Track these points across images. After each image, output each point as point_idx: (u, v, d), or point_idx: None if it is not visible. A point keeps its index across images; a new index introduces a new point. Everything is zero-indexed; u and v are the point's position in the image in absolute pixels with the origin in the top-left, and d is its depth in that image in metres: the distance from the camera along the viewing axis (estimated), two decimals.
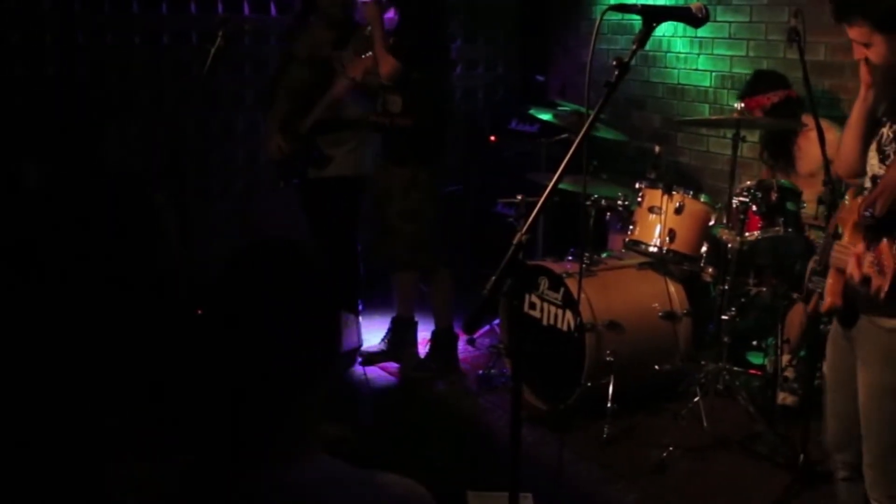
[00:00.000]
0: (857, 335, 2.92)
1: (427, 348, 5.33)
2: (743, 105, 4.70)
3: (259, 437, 1.48)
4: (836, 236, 2.95)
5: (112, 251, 5.46)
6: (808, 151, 4.91)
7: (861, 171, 3.04)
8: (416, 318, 5.44)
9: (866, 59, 2.89)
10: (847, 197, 3.07)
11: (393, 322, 5.41)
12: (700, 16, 2.44)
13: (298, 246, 1.56)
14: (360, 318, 5.57)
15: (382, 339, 5.41)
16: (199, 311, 1.54)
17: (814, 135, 4.82)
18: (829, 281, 2.91)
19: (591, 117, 2.33)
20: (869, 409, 2.90)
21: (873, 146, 2.92)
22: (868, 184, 2.92)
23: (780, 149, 5.06)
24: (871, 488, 2.94)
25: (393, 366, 5.31)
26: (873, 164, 2.90)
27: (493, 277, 2.17)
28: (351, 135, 5.22)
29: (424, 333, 5.45)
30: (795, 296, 4.51)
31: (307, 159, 5.22)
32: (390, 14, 5.10)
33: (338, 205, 5.28)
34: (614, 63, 2.33)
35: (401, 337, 5.38)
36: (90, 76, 5.89)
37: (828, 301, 2.90)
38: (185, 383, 3.94)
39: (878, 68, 2.87)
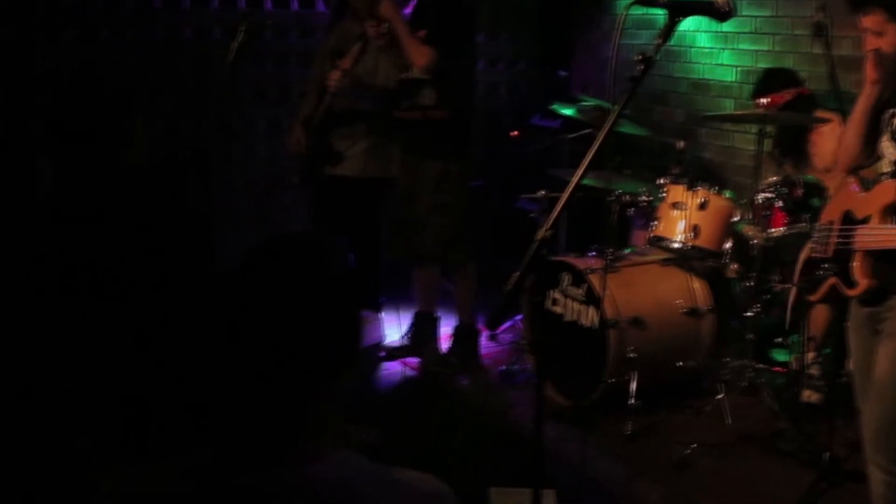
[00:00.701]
0: (886, 312, 2.99)
1: (449, 343, 5.33)
2: (765, 102, 4.66)
3: (280, 434, 1.47)
4: (851, 221, 3.03)
5: (131, 249, 5.45)
6: (822, 147, 4.90)
7: (862, 164, 3.15)
8: (438, 314, 5.44)
9: (875, 52, 2.96)
10: (851, 181, 3.14)
11: (415, 317, 5.40)
12: (725, 10, 2.41)
13: (319, 240, 1.54)
14: (382, 314, 5.57)
15: (404, 334, 5.41)
16: (213, 309, 1.52)
17: (826, 129, 4.81)
18: (856, 265, 2.97)
19: (616, 112, 2.31)
20: (889, 377, 2.94)
21: (886, 135, 3.00)
22: (887, 168, 3.00)
23: (793, 145, 5.04)
24: (875, 452, 3.01)
25: (414, 361, 5.31)
26: (891, 150, 2.99)
27: (516, 274, 2.17)
28: (363, 132, 5.16)
29: (446, 328, 5.45)
30: (782, 285, 4.50)
31: (319, 155, 5.18)
32: (408, 10, 5.09)
33: (360, 205, 5.24)
34: (638, 58, 2.32)
35: (422, 332, 5.37)
36: (112, 72, 5.90)
37: (863, 284, 2.96)
38: (201, 378, 3.93)
39: (889, 58, 2.93)
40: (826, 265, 3.11)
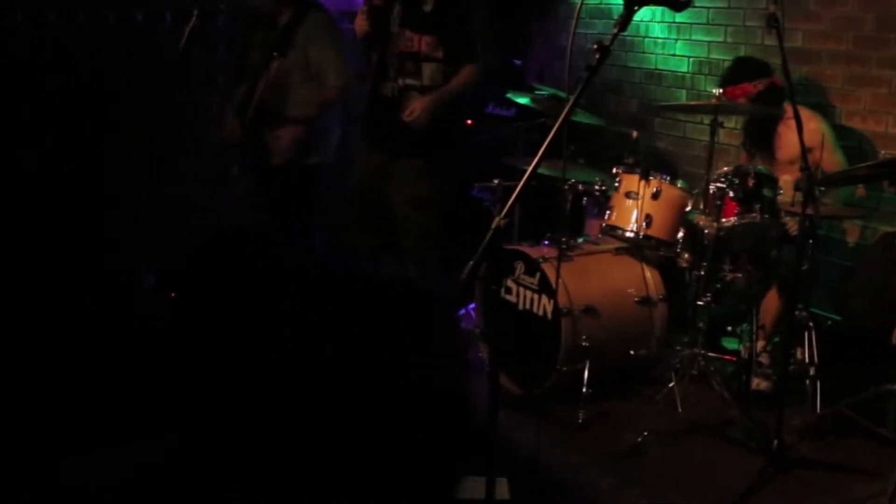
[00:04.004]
0: None
1: None
2: (723, 92, 4.65)
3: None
4: None
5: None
6: (789, 139, 4.92)
7: None
8: None
9: None
10: None
11: None
12: (683, 0, 2.42)
13: (269, 233, 1.53)
14: None
15: None
16: (174, 295, 1.51)
17: (794, 122, 4.83)
18: None
19: (572, 101, 2.31)
20: None
21: None
22: None
23: (761, 136, 5.06)
24: None
25: None
26: None
27: (471, 262, 2.16)
28: (297, 119, 5.07)
29: None
30: (732, 275, 4.45)
31: (255, 144, 5.11)
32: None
33: (293, 192, 5.16)
34: (595, 47, 2.31)
35: None
36: (60, 58, 5.79)
37: None
38: (155, 371, 3.88)
39: None
40: None
